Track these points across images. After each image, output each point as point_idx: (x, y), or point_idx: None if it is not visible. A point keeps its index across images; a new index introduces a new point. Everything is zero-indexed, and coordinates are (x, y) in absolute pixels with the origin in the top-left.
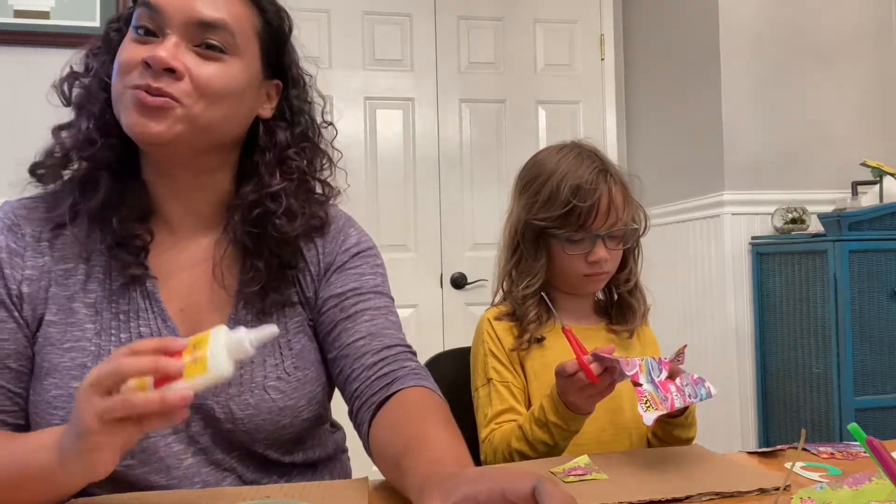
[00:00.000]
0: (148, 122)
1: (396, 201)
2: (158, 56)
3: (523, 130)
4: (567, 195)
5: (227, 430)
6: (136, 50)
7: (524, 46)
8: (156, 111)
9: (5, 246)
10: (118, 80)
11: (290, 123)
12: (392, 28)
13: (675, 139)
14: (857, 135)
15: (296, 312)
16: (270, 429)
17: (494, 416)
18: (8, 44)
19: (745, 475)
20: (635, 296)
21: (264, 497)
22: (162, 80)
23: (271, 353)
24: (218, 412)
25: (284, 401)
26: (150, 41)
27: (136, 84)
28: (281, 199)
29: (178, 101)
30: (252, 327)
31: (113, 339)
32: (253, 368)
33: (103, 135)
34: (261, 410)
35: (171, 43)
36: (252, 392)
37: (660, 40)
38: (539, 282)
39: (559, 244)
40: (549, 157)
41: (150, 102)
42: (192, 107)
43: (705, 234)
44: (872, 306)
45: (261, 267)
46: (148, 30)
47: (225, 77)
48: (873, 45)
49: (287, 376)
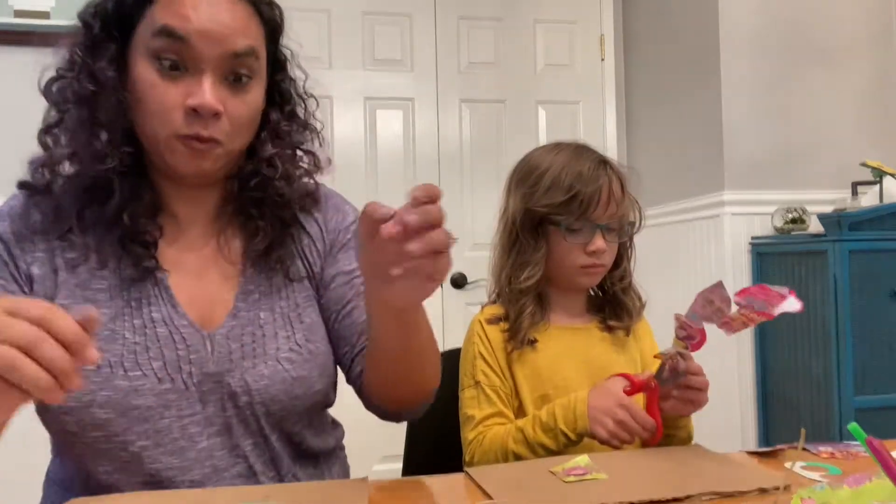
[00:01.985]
0: (200, 163)
1: (396, 201)
2: (208, 103)
3: (523, 130)
4: (570, 181)
5: (245, 404)
6: (170, 93)
7: (524, 46)
8: (205, 154)
9: (14, 230)
10: (156, 122)
11: (280, 105)
12: (392, 28)
13: (675, 139)
14: (857, 135)
15: (304, 287)
16: (285, 399)
17: (483, 419)
18: (8, 44)
19: (745, 475)
20: (629, 294)
21: (264, 497)
22: (210, 127)
23: (283, 325)
24: (234, 386)
25: (297, 371)
26: (179, 77)
27: (186, 134)
28: (276, 165)
29: (220, 141)
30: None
31: (126, 324)
32: (265, 341)
33: (115, 146)
34: (275, 381)
35: (209, 83)
36: (266, 363)
37: (660, 40)
38: (539, 272)
39: (558, 234)
40: (545, 153)
41: (202, 148)
42: (230, 143)
43: (705, 234)
44: (872, 306)
45: (264, 226)
46: (174, 63)
47: (253, 106)
48: (873, 46)
49: (299, 348)
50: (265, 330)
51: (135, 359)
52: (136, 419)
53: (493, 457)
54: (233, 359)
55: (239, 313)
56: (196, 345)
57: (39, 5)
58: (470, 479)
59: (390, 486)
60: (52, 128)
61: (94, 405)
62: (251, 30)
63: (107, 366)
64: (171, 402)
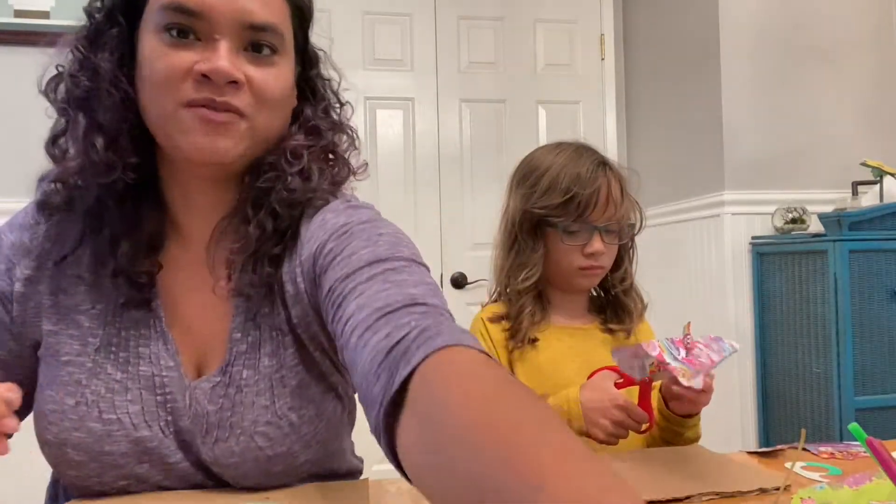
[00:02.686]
0: (215, 140)
1: (396, 201)
2: (222, 68)
3: (523, 130)
4: (567, 183)
5: (217, 474)
6: (179, 57)
7: (524, 46)
8: (223, 128)
9: (19, 242)
10: (163, 93)
11: (313, 102)
12: (392, 28)
13: (675, 139)
14: (857, 135)
15: (290, 342)
16: (260, 476)
17: None
18: (8, 44)
19: (745, 475)
20: (631, 296)
21: (264, 499)
22: (226, 93)
23: (264, 390)
24: (204, 455)
25: (275, 448)
26: (190, 45)
27: (194, 100)
28: (301, 156)
29: (243, 113)
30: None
31: (111, 356)
32: (242, 410)
33: (117, 154)
34: (246, 459)
35: (225, 49)
36: (238, 439)
37: (660, 40)
38: (537, 274)
39: (556, 235)
40: (546, 152)
41: (217, 119)
42: (255, 118)
43: (705, 234)
44: (872, 306)
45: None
46: (182, 30)
47: (281, 81)
48: (873, 45)
49: (278, 420)
50: (244, 395)
51: (112, 399)
52: (109, 465)
53: None
54: (207, 423)
55: (227, 367)
56: (176, 393)
57: (39, 5)
58: None
59: (390, 487)
60: (58, 137)
61: (67, 445)
62: (273, 4)
63: (84, 403)
64: (150, 449)
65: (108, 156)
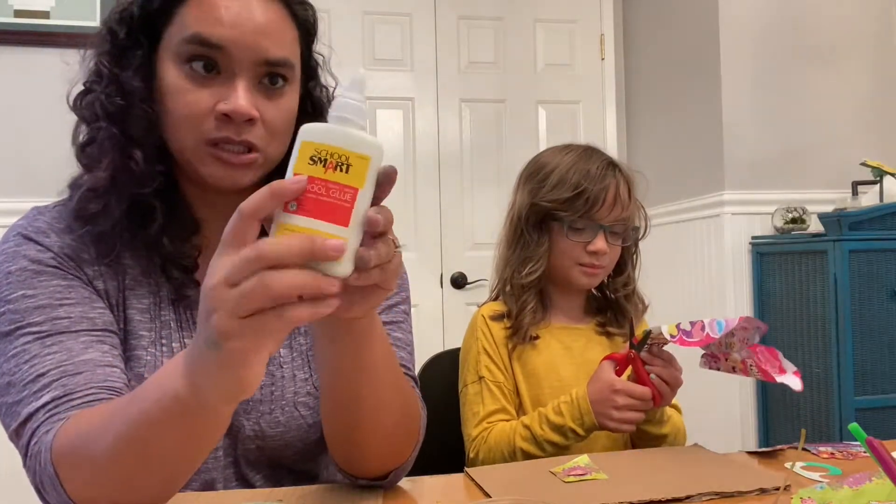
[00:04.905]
0: (233, 175)
1: (396, 201)
2: (241, 108)
3: (523, 130)
4: (577, 179)
5: (257, 447)
6: (201, 96)
7: (524, 46)
8: (242, 167)
9: (67, 244)
10: (185, 129)
11: (312, 115)
12: (392, 28)
13: (675, 139)
14: (857, 135)
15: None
16: (300, 445)
17: (487, 416)
18: (8, 44)
19: (745, 475)
20: (632, 301)
21: (277, 501)
22: (243, 132)
23: (301, 365)
24: (248, 430)
25: (314, 417)
26: (211, 80)
27: (216, 139)
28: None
29: (257, 148)
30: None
31: (165, 349)
32: (284, 384)
33: (151, 165)
34: (290, 428)
35: (243, 88)
36: (283, 409)
37: (660, 40)
38: (541, 268)
39: (561, 230)
40: (555, 152)
41: (236, 162)
42: (267, 149)
43: (705, 234)
44: (872, 306)
45: None
46: (204, 63)
47: (288, 110)
48: (873, 45)
49: (316, 391)
50: (284, 371)
51: None
52: None
53: (498, 454)
54: (251, 401)
55: None
56: None
57: (39, 5)
58: (470, 479)
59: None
60: (86, 146)
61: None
62: (286, 35)
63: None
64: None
65: (147, 167)
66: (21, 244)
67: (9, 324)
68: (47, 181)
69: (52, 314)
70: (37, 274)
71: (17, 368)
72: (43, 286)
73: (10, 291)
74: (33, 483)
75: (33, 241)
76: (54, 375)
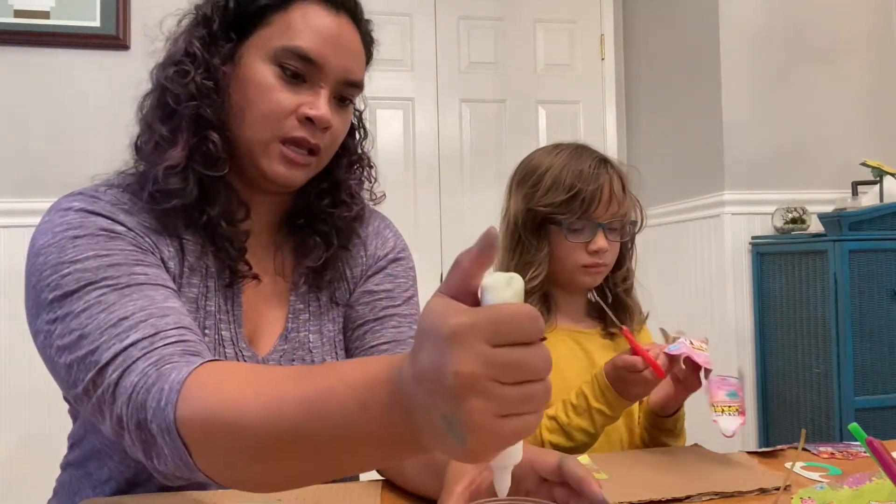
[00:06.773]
0: (293, 173)
1: (396, 201)
2: (325, 116)
3: (523, 130)
4: (571, 180)
5: None
6: (287, 96)
7: (524, 46)
8: (303, 166)
9: (142, 222)
10: (263, 123)
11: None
12: (392, 28)
13: (675, 139)
14: (857, 135)
15: (340, 313)
16: None
17: None
18: (8, 44)
19: (745, 475)
20: (632, 296)
21: (276, 500)
22: (316, 136)
23: (330, 350)
24: None
25: None
26: (297, 87)
27: (293, 137)
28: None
29: (319, 152)
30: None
31: (207, 339)
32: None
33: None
34: None
35: (325, 98)
36: None
37: (660, 40)
38: (543, 273)
39: (560, 233)
40: (545, 153)
41: (301, 161)
42: (324, 155)
43: (705, 234)
44: (872, 306)
45: (322, 244)
46: (295, 72)
47: (347, 124)
48: (873, 45)
49: None
50: (314, 355)
51: None
52: None
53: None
54: None
55: (289, 335)
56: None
57: (39, 5)
58: None
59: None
60: (166, 120)
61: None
62: (363, 61)
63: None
64: None
65: (219, 150)
66: (88, 217)
67: (76, 282)
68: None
69: (129, 270)
70: (111, 239)
71: (89, 320)
72: (118, 248)
73: (78, 253)
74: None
75: (103, 216)
76: (140, 317)
